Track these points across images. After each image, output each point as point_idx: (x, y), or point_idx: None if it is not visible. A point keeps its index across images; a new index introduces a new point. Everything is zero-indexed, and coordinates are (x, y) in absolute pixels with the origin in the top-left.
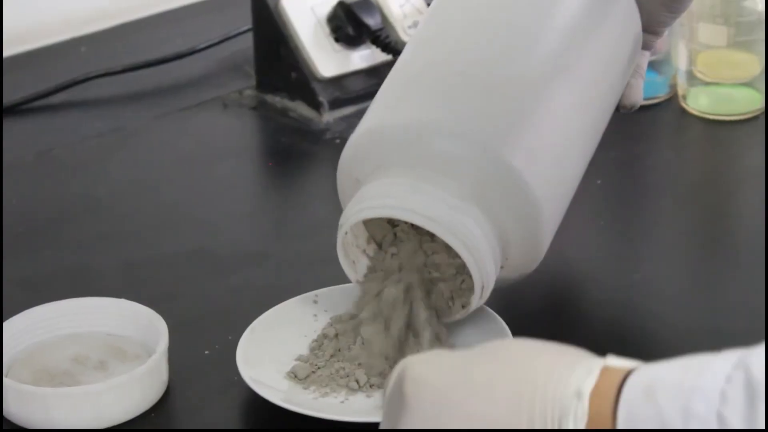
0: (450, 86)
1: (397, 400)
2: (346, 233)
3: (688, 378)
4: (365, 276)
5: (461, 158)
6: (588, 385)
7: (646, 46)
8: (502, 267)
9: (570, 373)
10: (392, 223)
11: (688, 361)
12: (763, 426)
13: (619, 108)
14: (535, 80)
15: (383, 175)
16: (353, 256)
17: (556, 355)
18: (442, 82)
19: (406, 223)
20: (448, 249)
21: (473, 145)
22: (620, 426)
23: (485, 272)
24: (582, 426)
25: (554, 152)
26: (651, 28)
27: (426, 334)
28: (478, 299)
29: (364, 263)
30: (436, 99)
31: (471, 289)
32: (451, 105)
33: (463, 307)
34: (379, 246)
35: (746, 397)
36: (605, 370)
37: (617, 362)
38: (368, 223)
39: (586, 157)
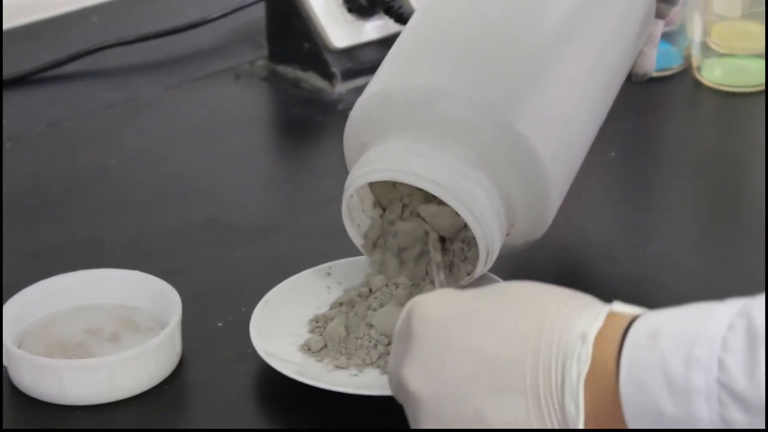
0: (458, 51)
1: (404, 336)
2: (352, 196)
3: (692, 325)
4: (366, 233)
5: (468, 123)
6: (593, 329)
7: (660, 15)
8: (507, 233)
9: (577, 317)
10: (398, 191)
11: (692, 309)
12: (762, 372)
13: (631, 76)
14: (544, 47)
15: (389, 138)
16: (358, 219)
17: (564, 298)
18: (450, 47)
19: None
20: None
21: (480, 110)
22: (623, 371)
23: (490, 238)
24: (585, 369)
25: (562, 119)
26: None
27: (441, 275)
28: (482, 265)
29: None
30: (444, 64)
31: (476, 258)
32: (458, 70)
33: (468, 274)
34: (384, 210)
35: (747, 343)
36: (611, 316)
37: (624, 308)
38: (374, 187)
39: (595, 124)
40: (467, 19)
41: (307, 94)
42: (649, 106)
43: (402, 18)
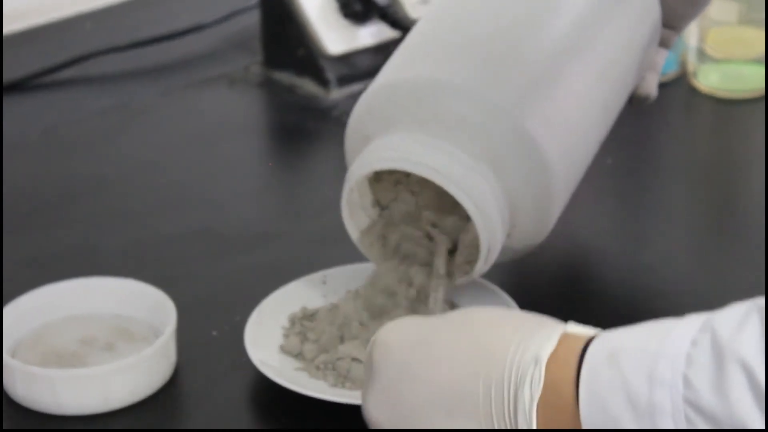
0: (469, 50)
1: (368, 365)
2: (352, 191)
3: (653, 343)
4: (362, 232)
5: (476, 120)
6: (546, 351)
7: (664, 44)
8: (509, 235)
9: (528, 340)
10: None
11: (651, 327)
12: (729, 386)
13: (631, 100)
14: (554, 52)
15: (394, 131)
16: (356, 217)
17: (518, 322)
18: (463, 45)
19: (411, 194)
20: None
21: (490, 108)
22: (583, 392)
23: (492, 232)
24: (538, 392)
25: (569, 124)
26: (672, 22)
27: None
28: (482, 263)
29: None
30: (455, 60)
31: (474, 260)
32: (470, 67)
33: (466, 273)
34: (382, 209)
35: (713, 358)
36: (565, 337)
37: (578, 329)
38: (374, 186)
39: (599, 136)
40: (481, 20)
41: (301, 101)
42: (646, 113)
43: (397, 23)
